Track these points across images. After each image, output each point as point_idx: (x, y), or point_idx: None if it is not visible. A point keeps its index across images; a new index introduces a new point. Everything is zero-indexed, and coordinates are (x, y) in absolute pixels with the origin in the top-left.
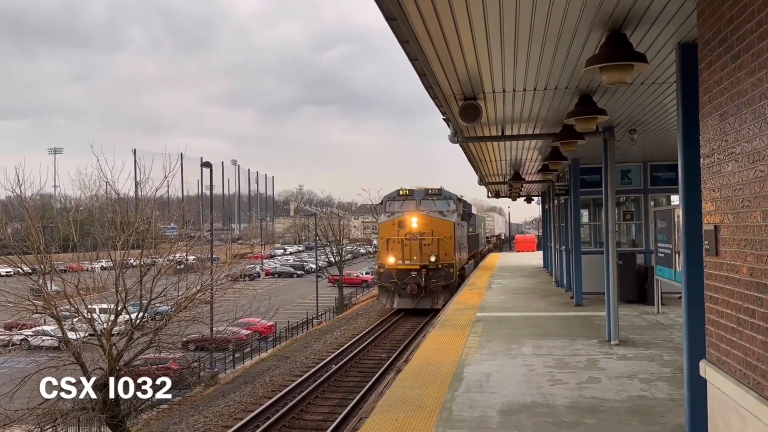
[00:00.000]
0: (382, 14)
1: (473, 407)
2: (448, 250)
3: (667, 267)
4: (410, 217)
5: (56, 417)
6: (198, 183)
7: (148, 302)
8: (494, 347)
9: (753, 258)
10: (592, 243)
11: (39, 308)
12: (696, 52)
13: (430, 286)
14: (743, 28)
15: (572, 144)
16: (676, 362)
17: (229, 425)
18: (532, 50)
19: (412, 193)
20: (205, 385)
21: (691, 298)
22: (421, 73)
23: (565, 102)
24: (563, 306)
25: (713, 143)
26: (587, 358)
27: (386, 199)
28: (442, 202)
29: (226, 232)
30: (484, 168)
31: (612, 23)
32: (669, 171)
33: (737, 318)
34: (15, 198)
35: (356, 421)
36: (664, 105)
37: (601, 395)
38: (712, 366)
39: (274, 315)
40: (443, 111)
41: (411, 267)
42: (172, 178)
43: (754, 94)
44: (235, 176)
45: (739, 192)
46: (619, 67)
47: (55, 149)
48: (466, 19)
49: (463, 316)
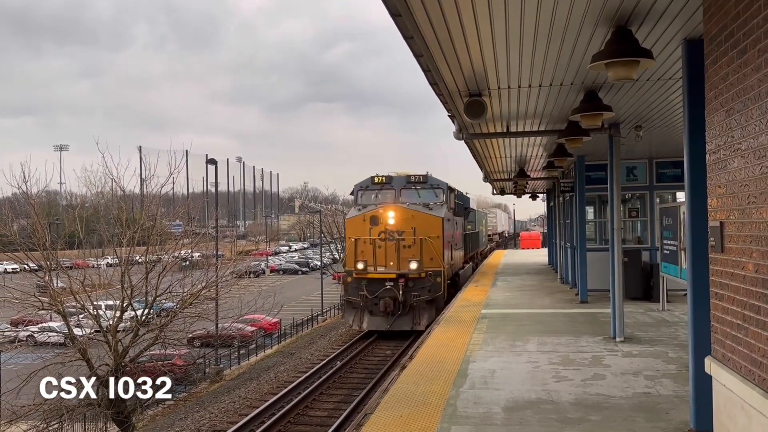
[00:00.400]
0: (387, 10)
1: (478, 404)
2: (435, 254)
3: (673, 264)
4: (385, 211)
5: (62, 413)
6: (203, 180)
7: (153, 299)
8: (499, 344)
9: (759, 254)
10: (598, 240)
11: (45, 305)
12: (702, 48)
13: (411, 301)
14: (750, 24)
15: (578, 141)
16: (681, 359)
17: (234, 421)
18: (537, 46)
19: (390, 181)
20: (211, 381)
21: (696, 294)
22: (426, 69)
23: (570, 98)
24: (568, 303)
25: (719, 139)
26: (592, 354)
27: (358, 189)
28: (428, 193)
29: (231, 229)
30: (489, 165)
31: (618, 19)
32: (674, 168)
33: (743, 314)
34: (21, 195)
35: (361, 417)
36: (670, 101)
37: (606, 392)
38: (717, 363)
39: (278, 312)
40: (448, 107)
41: (385, 276)
42: (177, 175)
43: (761, 90)
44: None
45: (745, 188)
46: (625, 63)
47: (60, 146)
48: (471, 15)
49: (467, 312)
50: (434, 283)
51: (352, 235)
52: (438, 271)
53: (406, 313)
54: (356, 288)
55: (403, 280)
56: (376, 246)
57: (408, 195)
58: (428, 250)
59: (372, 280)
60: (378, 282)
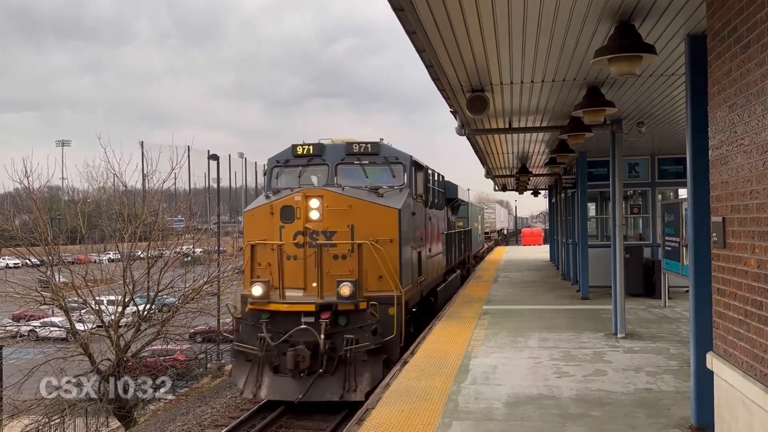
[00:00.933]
0: (390, 5)
1: (479, 399)
2: (387, 268)
3: (675, 260)
4: (305, 199)
5: (64, 408)
6: (205, 176)
7: (155, 294)
8: (500, 340)
9: (761, 250)
10: (599, 236)
11: (47, 299)
12: (705, 44)
13: (341, 351)
14: (753, 19)
15: (580, 136)
16: (683, 355)
17: (236, 416)
18: (540, 41)
19: (321, 152)
20: (213, 376)
21: (698, 290)
22: (428, 64)
23: (573, 94)
24: (570, 299)
25: (722, 135)
26: (594, 350)
27: (273, 166)
28: (381, 171)
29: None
30: (492, 161)
31: (621, 14)
32: (677, 164)
33: (745, 310)
34: (23, 190)
35: (363, 411)
36: (673, 97)
37: (608, 388)
38: (719, 358)
39: None
40: (450, 103)
41: (299, 307)
42: (179, 170)
43: (764, 85)
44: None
45: (747, 184)
46: (628, 58)
47: (62, 141)
48: (474, 9)
49: (469, 308)
50: (383, 320)
51: (252, 238)
52: (389, 296)
53: (332, 372)
54: (251, 328)
55: (328, 315)
56: (284, 257)
57: (348, 174)
58: (373, 262)
59: (277, 314)
60: (287, 318)
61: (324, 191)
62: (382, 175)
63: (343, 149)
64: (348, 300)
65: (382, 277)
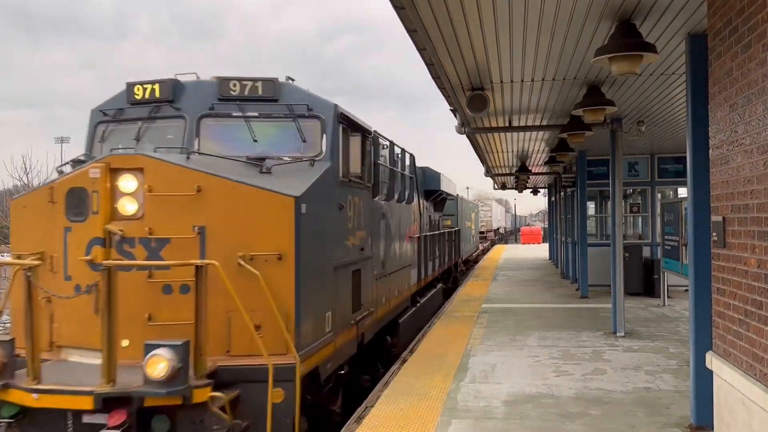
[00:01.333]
0: (391, 2)
1: (478, 397)
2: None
3: (674, 259)
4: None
5: None
6: None
7: None
8: (500, 338)
9: (761, 250)
10: (599, 235)
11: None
12: (706, 43)
13: None
14: (754, 18)
15: (580, 135)
16: (682, 354)
17: None
18: (540, 40)
19: (176, 96)
20: None
21: (698, 290)
22: (428, 63)
23: (573, 93)
24: (569, 298)
25: (722, 134)
26: (593, 349)
27: (98, 121)
28: (281, 130)
29: None
30: (491, 159)
31: (621, 13)
32: (676, 163)
33: (744, 310)
34: (22, 186)
35: (362, 409)
36: (673, 96)
37: (607, 387)
38: (718, 358)
39: None
40: (450, 102)
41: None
42: None
43: (765, 85)
44: None
45: (748, 184)
46: (629, 57)
47: (62, 138)
48: (475, 7)
49: (468, 307)
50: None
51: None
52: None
53: None
54: None
55: (123, 418)
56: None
57: (221, 134)
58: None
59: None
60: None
61: (146, 159)
62: (283, 138)
63: (214, 91)
64: (164, 388)
65: (260, 328)
